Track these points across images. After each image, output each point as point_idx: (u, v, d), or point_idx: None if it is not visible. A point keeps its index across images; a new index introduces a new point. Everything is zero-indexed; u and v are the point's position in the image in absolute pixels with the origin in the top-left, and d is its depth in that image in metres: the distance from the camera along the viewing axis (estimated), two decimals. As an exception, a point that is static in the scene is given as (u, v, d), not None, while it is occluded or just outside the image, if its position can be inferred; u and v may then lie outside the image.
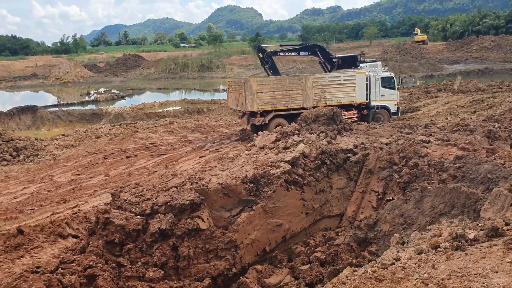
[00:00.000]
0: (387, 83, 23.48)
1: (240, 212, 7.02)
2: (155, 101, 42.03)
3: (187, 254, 6.31)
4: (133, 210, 6.60)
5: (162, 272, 6.10)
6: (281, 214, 7.37)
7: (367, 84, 22.74)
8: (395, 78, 23.98)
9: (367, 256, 6.69)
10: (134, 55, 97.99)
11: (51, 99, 54.56)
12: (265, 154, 8.33)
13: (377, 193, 7.96)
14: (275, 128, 20.55)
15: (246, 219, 6.87)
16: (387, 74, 23.83)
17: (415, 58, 73.65)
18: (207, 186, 6.96)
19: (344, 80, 22.51)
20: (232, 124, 28.86)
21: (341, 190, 8.38)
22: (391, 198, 7.60)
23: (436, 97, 32.99)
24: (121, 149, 21.41)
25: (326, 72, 26.01)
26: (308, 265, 6.67)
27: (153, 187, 7.13)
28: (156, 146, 22.24)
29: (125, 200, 6.84)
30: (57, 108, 41.43)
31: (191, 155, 19.95)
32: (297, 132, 9.16)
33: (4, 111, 36.21)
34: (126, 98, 49.69)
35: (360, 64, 29.19)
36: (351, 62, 28.41)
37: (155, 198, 6.73)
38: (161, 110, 38.53)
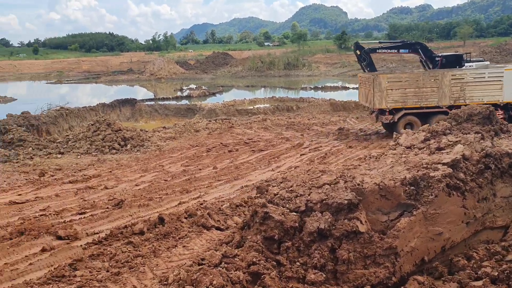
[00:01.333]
0: None
1: (399, 216, 6.42)
2: (245, 98, 42.62)
3: (347, 258, 5.84)
4: (287, 205, 6.26)
5: (324, 275, 5.69)
6: (442, 222, 6.65)
7: None
8: None
9: (552, 278, 5.80)
10: (222, 53, 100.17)
11: (146, 93, 57.46)
12: (416, 155, 7.63)
13: (554, 206, 6.96)
14: (404, 127, 19.61)
15: (406, 225, 6.25)
16: None
17: (519, 60, 67.58)
18: (362, 185, 6.45)
19: (489, 77, 20.65)
20: (327, 123, 28.24)
21: (507, 199, 7.44)
22: None
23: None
24: (221, 143, 21.72)
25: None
26: (481, 282, 5.92)
27: (303, 182, 6.75)
28: (254, 142, 22.32)
29: (275, 194, 6.54)
30: (153, 102, 43.44)
31: (291, 152, 19.76)
32: (448, 131, 8.35)
33: (107, 103, 38.68)
34: (217, 94, 51.00)
35: (466, 64, 27.29)
36: (455, 61, 26.66)
37: (308, 195, 6.35)
38: (251, 107, 38.95)
